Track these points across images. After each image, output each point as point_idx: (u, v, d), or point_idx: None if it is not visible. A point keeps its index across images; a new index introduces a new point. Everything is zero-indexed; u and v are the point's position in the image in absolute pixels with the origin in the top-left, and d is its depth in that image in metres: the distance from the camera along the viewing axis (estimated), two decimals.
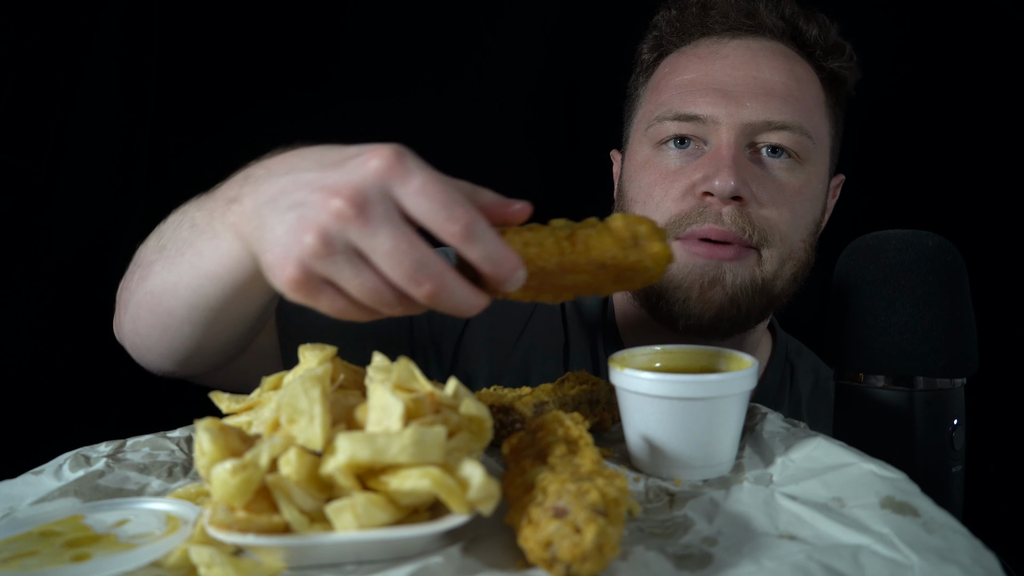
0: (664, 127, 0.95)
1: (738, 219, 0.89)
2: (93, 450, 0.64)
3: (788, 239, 0.93)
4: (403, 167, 0.51)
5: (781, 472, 0.57)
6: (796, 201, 0.93)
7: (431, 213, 0.51)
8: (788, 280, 0.96)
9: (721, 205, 0.89)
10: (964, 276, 0.71)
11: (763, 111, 0.91)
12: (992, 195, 1.36)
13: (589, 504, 0.42)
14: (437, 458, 0.44)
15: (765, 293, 0.93)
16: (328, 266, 0.51)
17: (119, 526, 0.49)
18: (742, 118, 0.91)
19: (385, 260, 0.50)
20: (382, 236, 0.50)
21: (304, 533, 0.43)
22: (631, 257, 0.56)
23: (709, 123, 0.92)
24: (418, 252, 0.50)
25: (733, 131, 0.91)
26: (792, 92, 0.93)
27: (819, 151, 0.96)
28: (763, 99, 0.92)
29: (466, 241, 0.51)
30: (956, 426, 0.69)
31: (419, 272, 0.50)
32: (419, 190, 0.51)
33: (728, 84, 0.93)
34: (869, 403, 0.70)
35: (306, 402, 0.47)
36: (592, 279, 0.57)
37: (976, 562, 0.43)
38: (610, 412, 0.69)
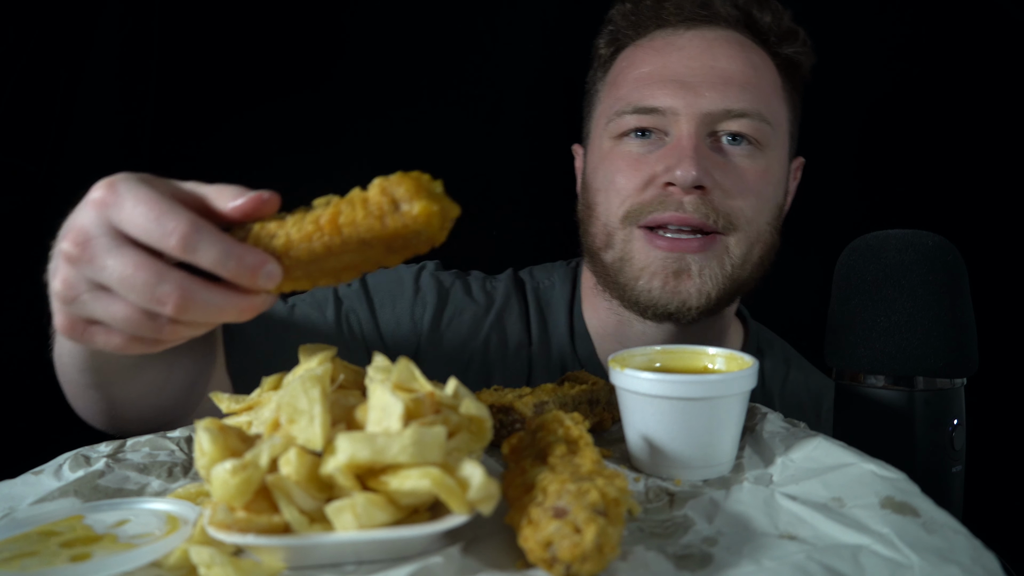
0: (624, 121, 0.96)
1: (701, 207, 0.90)
2: (93, 450, 0.64)
3: (754, 224, 0.94)
4: (114, 193, 0.51)
5: (781, 472, 0.57)
6: (759, 186, 0.95)
7: (146, 232, 0.49)
8: (756, 264, 0.97)
9: (683, 195, 0.90)
10: (964, 276, 0.71)
11: (721, 100, 0.92)
12: (992, 195, 1.36)
13: (589, 504, 0.42)
14: (437, 458, 0.44)
15: (734, 279, 0.94)
16: (79, 307, 0.52)
17: (119, 526, 0.49)
18: (701, 108, 0.92)
19: (122, 288, 0.50)
20: (109, 268, 0.50)
21: (304, 533, 0.43)
22: (392, 225, 0.50)
23: (669, 115, 0.93)
24: (146, 273, 0.49)
25: (693, 121, 0.92)
26: (749, 80, 0.94)
27: (778, 136, 0.97)
28: (721, 88, 0.93)
29: (188, 251, 0.49)
30: (956, 426, 0.69)
31: (155, 292, 0.49)
32: (132, 212, 0.50)
33: (686, 75, 0.94)
34: (869, 403, 0.70)
35: (306, 402, 0.47)
36: (362, 256, 0.53)
37: (976, 562, 0.43)
38: (610, 412, 0.69)
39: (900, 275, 0.69)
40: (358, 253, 0.52)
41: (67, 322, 0.54)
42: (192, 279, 0.50)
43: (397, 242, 0.52)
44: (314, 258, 0.51)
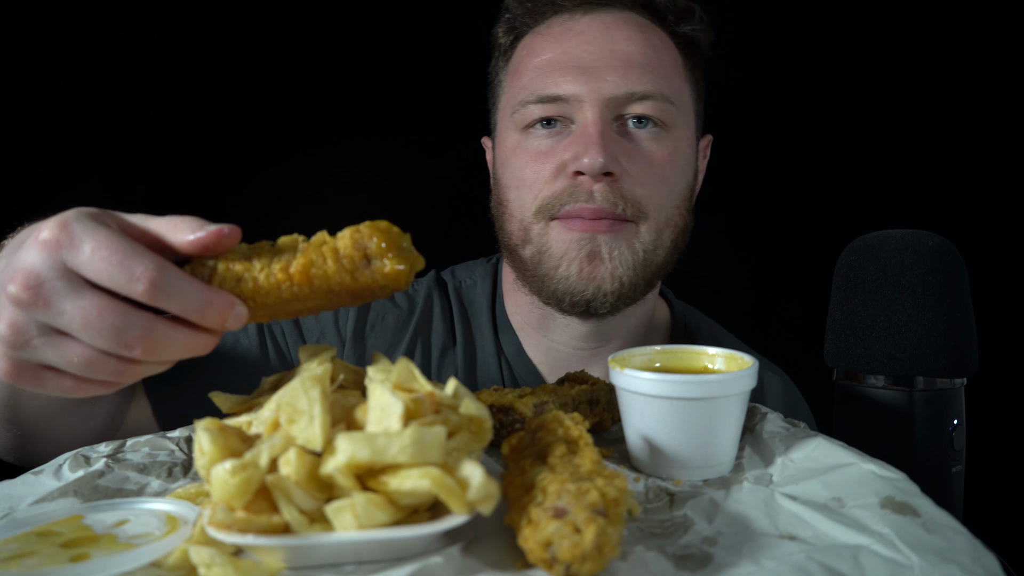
0: (528, 111, 0.94)
1: (609, 195, 0.89)
2: (93, 450, 0.64)
3: (663, 208, 0.94)
4: (70, 235, 0.49)
5: (781, 472, 0.57)
6: (667, 169, 0.94)
7: (111, 278, 0.48)
8: (669, 248, 0.96)
9: (592, 183, 0.89)
10: (964, 276, 0.71)
11: (624, 83, 0.91)
12: (992, 195, 1.36)
13: (589, 504, 0.42)
14: (437, 458, 0.44)
15: (647, 264, 0.93)
16: (30, 352, 0.50)
17: (119, 526, 0.49)
18: (604, 93, 0.91)
19: (84, 334, 0.49)
20: (69, 312, 0.48)
21: (304, 533, 0.43)
22: (362, 280, 0.52)
23: (572, 101, 0.92)
24: (113, 317, 0.48)
25: (597, 107, 0.90)
26: (650, 61, 0.93)
27: (683, 115, 0.96)
28: (622, 71, 0.91)
29: (157, 297, 0.48)
30: (956, 426, 0.69)
31: (123, 337, 0.48)
32: (92, 256, 0.48)
33: (586, 60, 0.92)
34: (869, 403, 0.70)
35: (306, 402, 0.47)
36: (326, 302, 0.54)
37: (976, 562, 0.43)
38: (610, 412, 0.69)
39: (900, 275, 0.69)
40: (323, 300, 0.54)
41: (12, 367, 0.50)
42: (157, 320, 0.49)
43: (363, 292, 0.54)
44: (280, 303, 0.52)
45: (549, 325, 1.01)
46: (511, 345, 1.04)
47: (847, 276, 0.73)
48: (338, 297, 0.54)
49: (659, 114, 0.92)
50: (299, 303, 0.53)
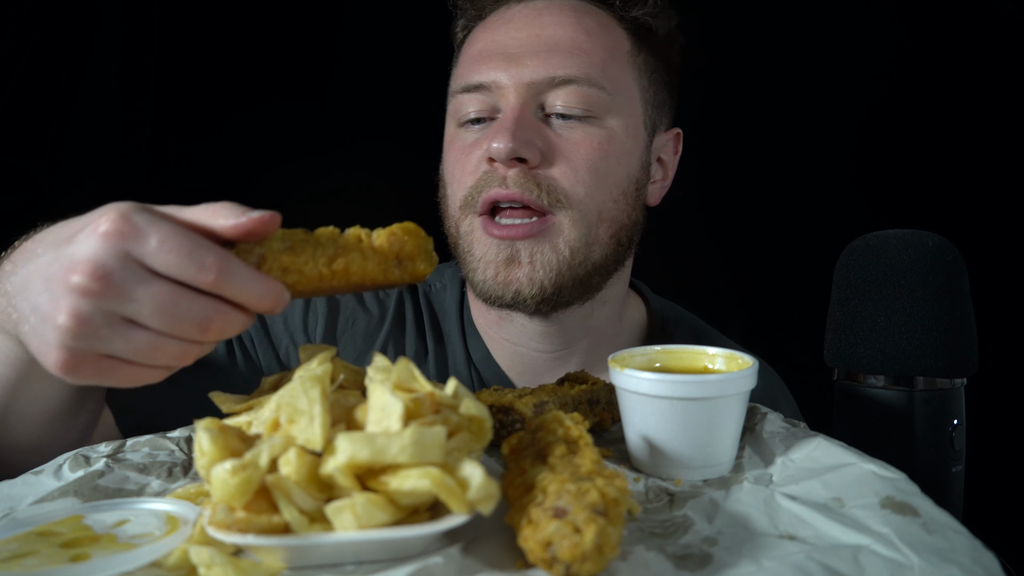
0: (457, 100, 0.93)
1: (522, 180, 0.86)
2: (93, 450, 0.64)
3: (591, 200, 0.89)
4: (134, 227, 0.50)
5: (781, 472, 0.57)
6: (596, 159, 0.89)
7: (180, 268, 0.50)
8: (607, 244, 0.92)
9: (505, 169, 0.86)
10: (964, 276, 0.71)
11: (544, 67, 0.88)
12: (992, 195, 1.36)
13: (589, 504, 0.42)
14: (437, 458, 0.44)
15: (576, 264, 0.89)
16: (93, 342, 0.50)
17: (119, 526, 0.49)
18: (523, 78, 0.88)
19: (156, 320, 0.50)
20: (141, 300, 0.50)
21: (304, 533, 0.43)
22: (392, 277, 0.59)
23: (494, 89, 0.90)
24: (186, 302, 0.50)
25: (516, 92, 0.88)
26: (579, 45, 0.90)
27: (622, 103, 0.91)
28: (544, 56, 0.88)
29: (223, 286, 0.51)
30: (956, 426, 0.69)
31: (196, 321, 0.51)
32: (161, 247, 0.50)
33: (511, 47, 0.90)
34: (869, 403, 0.70)
35: (306, 402, 0.47)
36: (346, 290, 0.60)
37: (976, 562, 0.43)
38: (610, 412, 0.69)
39: (900, 275, 0.69)
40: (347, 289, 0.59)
41: (70, 358, 0.51)
42: (220, 303, 0.52)
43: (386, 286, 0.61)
44: (311, 291, 0.57)
45: (506, 326, 0.98)
46: (479, 351, 1.01)
47: (847, 276, 0.73)
48: (361, 287, 0.60)
49: (585, 101, 0.88)
50: (327, 292, 0.58)
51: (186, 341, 0.52)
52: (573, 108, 0.88)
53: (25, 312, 0.54)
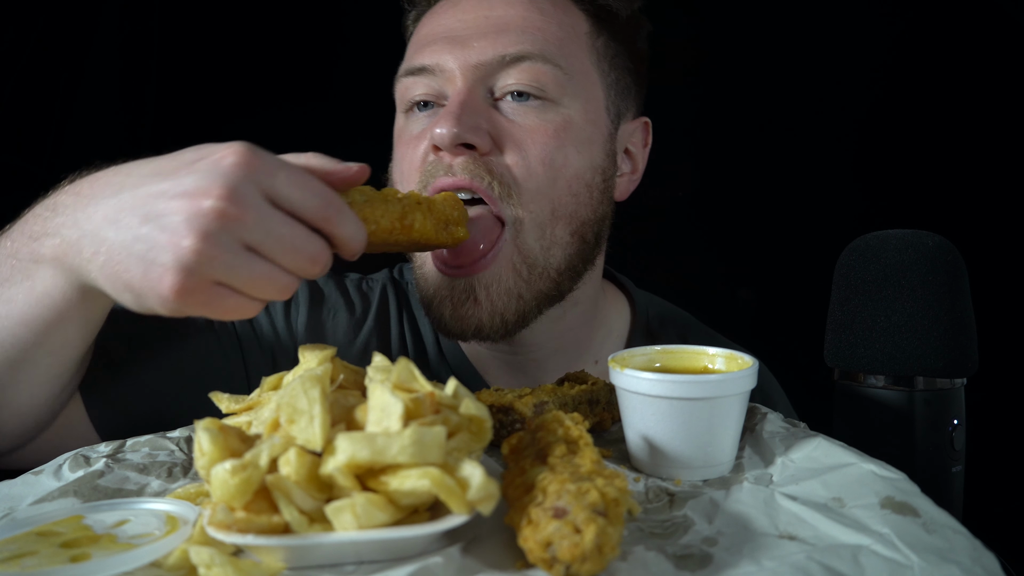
0: (402, 85, 0.87)
1: (471, 166, 0.79)
2: (93, 450, 0.64)
3: (545, 195, 0.81)
4: (263, 161, 0.53)
5: (781, 472, 0.57)
6: (551, 147, 0.81)
7: (305, 202, 0.54)
8: (569, 243, 0.84)
9: (452, 157, 0.80)
10: (964, 276, 0.71)
11: (492, 47, 0.81)
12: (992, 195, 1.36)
13: (589, 504, 0.42)
14: (437, 458, 0.44)
15: (537, 275, 0.82)
16: (218, 266, 0.51)
17: (119, 526, 0.49)
18: (469, 59, 0.81)
19: (278, 250, 0.53)
20: (268, 229, 0.52)
21: (304, 533, 0.43)
22: (441, 238, 0.68)
23: (438, 72, 0.83)
24: (305, 235, 0.55)
25: (464, 76, 0.81)
26: (532, 23, 0.83)
27: (580, 85, 0.85)
28: (493, 36, 0.82)
29: (336, 224, 0.55)
30: (956, 426, 0.69)
31: (314, 255, 0.55)
32: (288, 181, 0.53)
33: (458, 29, 0.84)
34: (869, 403, 0.70)
35: (306, 402, 0.47)
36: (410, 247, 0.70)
37: (976, 562, 0.43)
38: (610, 412, 0.69)
39: (900, 275, 0.69)
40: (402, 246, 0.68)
41: (189, 284, 0.51)
42: (325, 240, 0.56)
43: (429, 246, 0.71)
44: (381, 246, 0.65)
45: None
46: (452, 349, 0.96)
47: (847, 276, 0.73)
48: (415, 246, 0.69)
49: (539, 79, 0.81)
50: (390, 246, 0.66)
51: (294, 275, 0.55)
52: (526, 87, 0.81)
53: (124, 241, 0.53)
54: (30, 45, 1.20)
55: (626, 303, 1.04)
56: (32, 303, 0.63)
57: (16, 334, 0.64)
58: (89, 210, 0.57)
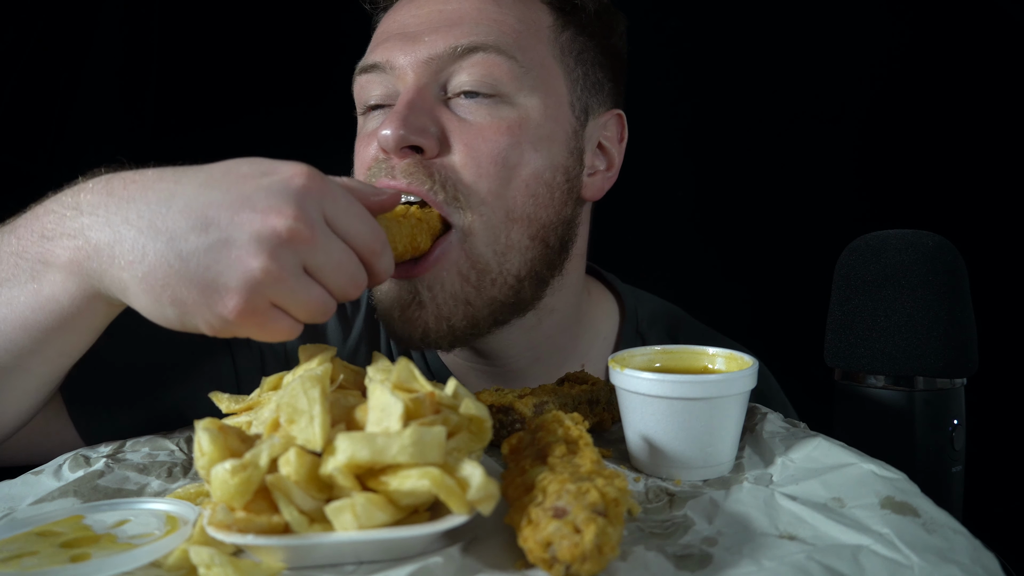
0: (357, 84, 0.84)
1: (412, 171, 0.75)
2: (93, 450, 0.64)
3: (497, 197, 0.76)
4: (328, 185, 0.54)
5: (781, 472, 0.57)
6: (504, 146, 0.76)
7: (360, 233, 0.55)
8: (529, 247, 0.79)
9: (398, 160, 0.76)
10: (964, 276, 0.71)
11: (444, 40, 0.77)
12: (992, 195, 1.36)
13: (589, 504, 0.42)
14: (437, 458, 0.44)
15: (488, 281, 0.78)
16: (282, 289, 0.51)
17: (119, 526, 0.49)
18: (420, 55, 0.77)
19: (334, 276, 0.54)
20: (335, 253, 0.53)
21: (304, 533, 0.43)
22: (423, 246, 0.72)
23: (389, 70, 0.79)
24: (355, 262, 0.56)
25: (415, 72, 0.77)
26: (487, 15, 0.79)
27: (538, 79, 0.79)
28: (445, 29, 0.78)
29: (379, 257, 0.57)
30: (956, 426, 0.69)
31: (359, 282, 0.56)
32: (347, 210, 0.54)
33: (411, 25, 0.80)
34: (869, 403, 0.70)
35: (306, 402, 0.47)
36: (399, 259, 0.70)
37: (976, 562, 0.43)
38: (610, 412, 0.69)
39: (900, 275, 0.69)
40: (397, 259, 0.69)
41: (251, 304, 0.50)
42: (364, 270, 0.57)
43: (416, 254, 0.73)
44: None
45: None
46: (435, 358, 0.93)
47: (847, 276, 0.73)
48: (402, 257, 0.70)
49: (492, 72, 0.77)
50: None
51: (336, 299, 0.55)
52: (478, 83, 0.77)
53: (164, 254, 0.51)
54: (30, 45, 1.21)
55: (614, 302, 1.00)
56: (36, 307, 0.59)
57: (13, 339, 0.60)
58: (128, 213, 0.53)
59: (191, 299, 0.51)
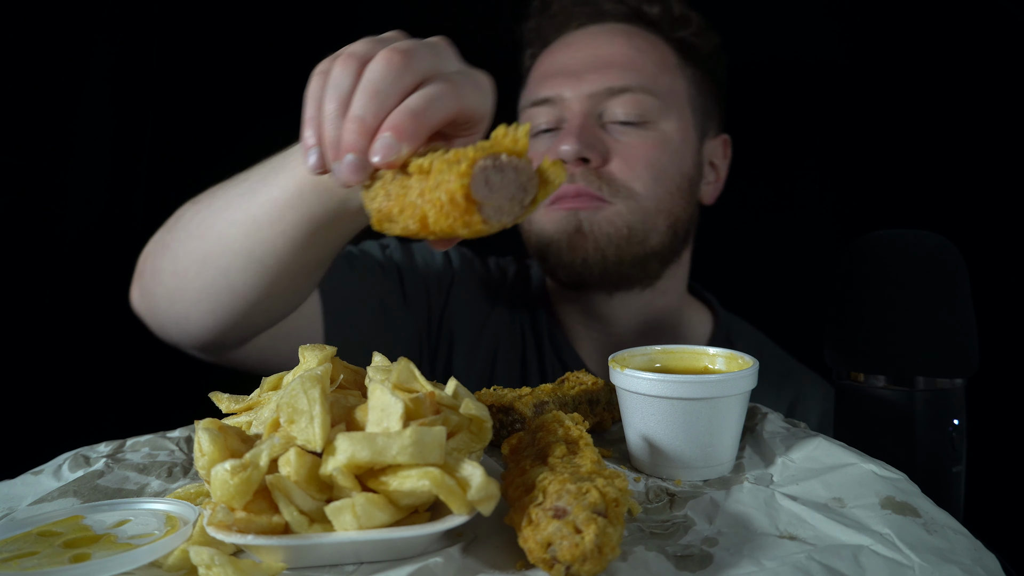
0: (527, 114, 1.07)
1: (587, 175, 0.99)
2: (93, 450, 0.64)
3: (648, 193, 1.01)
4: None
5: (781, 472, 0.57)
6: (650, 158, 1.01)
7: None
8: (664, 233, 1.03)
9: (573, 168, 0.99)
10: (964, 276, 0.71)
11: (602, 80, 1.01)
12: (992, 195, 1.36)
13: (589, 504, 0.42)
14: (437, 458, 0.44)
15: (636, 243, 1.01)
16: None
17: (119, 526, 0.48)
18: (583, 91, 1.02)
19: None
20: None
21: (304, 533, 0.43)
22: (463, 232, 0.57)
23: (558, 102, 1.03)
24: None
25: (578, 103, 1.02)
26: (631, 60, 1.03)
27: (673, 108, 1.04)
28: (602, 71, 1.02)
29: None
30: (956, 426, 0.69)
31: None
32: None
33: (572, 65, 1.04)
34: (869, 403, 0.70)
35: (306, 402, 0.47)
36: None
37: (976, 562, 0.43)
38: (610, 412, 0.69)
39: (900, 275, 0.69)
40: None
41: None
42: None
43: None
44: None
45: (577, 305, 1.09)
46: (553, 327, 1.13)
47: (847, 276, 0.73)
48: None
49: (639, 107, 1.01)
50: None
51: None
52: (629, 114, 1.01)
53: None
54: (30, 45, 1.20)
55: (709, 315, 1.18)
56: (293, 186, 0.69)
57: (281, 216, 0.70)
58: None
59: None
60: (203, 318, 0.77)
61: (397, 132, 0.52)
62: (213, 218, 0.74)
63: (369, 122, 0.53)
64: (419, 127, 0.53)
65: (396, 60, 0.54)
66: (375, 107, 0.53)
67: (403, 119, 0.52)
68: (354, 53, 0.56)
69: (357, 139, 0.53)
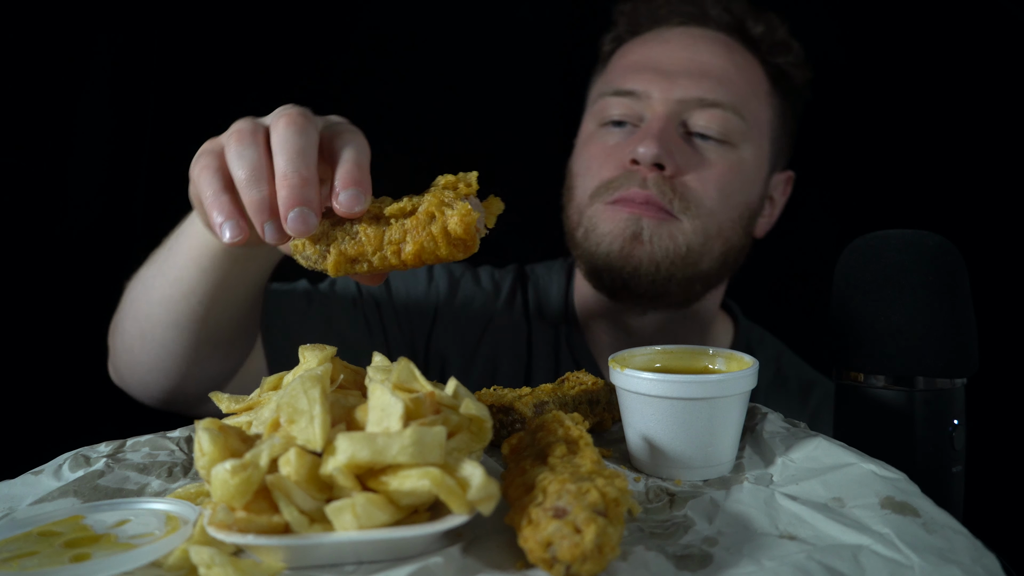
0: (605, 102, 1.01)
1: (660, 184, 0.94)
2: (93, 450, 0.64)
3: (714, 215, 0.96)
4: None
5: (781, 472, 0.57)
6: (725, 179, 0.97)
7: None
8: (716, 259, 0.98)
9: (646, 172, 0.94)
10: (964, 276, 0.71)
11: (696, 88, 0.96)
12: (992, 195, 1.36)
13: (589, 504, 0.42)
14: (437, 458, 0.44)
15: (689, 264, 0.96)
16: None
17: (119, 526, 0.48)
18: (674, 94, 0.96)
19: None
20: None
21: (304, 533, 0.43)
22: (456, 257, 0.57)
23: (643, 98, 0.97)
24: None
25: (665, 106, 0.96)
26: (728, 75, 0.98)
27: (755, 136, 1.00)
28: (697, 78, 0.96)
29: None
30: (956, 426, 0.69)
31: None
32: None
33: (665, 64, 0.98)
34: (869, 403, 0.70)
35: (306, 402, 0.47)
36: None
37: (976, 562, 0.43)
38: (610, 412, 0.69)
39: (900, 275, 0.69)
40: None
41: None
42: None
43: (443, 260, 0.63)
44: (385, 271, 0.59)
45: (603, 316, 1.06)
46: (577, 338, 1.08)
47: (847, 276, 0.73)
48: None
49: (725, 125, 0.96)
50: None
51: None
52: (714, 130, 0.96)
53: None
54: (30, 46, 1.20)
55: (731, 325, 1.15)
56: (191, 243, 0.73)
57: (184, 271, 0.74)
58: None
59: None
60: (160, 382, 0.83)
61: (360, 186, 0.55)
62: (140, 299, 0.80)
63: (304, 174, 0.55)
64: (367, 175, 0.56)
65: (299, 121, 0.57)
66: (302, 163, 0.55)
67: (355, 173, 0.56)
68: (243, 130, 0.58)
69: (300, 192, 0.54)
